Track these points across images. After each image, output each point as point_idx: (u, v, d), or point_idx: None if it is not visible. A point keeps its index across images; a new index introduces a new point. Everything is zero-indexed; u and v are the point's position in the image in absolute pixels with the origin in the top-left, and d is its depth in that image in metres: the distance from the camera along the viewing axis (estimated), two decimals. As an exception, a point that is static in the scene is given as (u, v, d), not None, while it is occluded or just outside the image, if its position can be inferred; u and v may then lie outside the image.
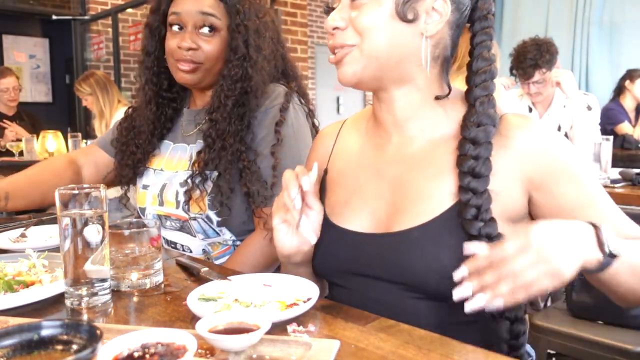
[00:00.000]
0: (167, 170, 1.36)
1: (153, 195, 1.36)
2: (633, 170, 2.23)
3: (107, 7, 5.31)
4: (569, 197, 0.82)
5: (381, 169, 0.93)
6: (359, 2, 0.84)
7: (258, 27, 1.31)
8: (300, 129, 1.32)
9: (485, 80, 0.86)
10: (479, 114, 0.84)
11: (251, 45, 1.28)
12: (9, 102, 4.22)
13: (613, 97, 4.48)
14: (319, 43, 6.86)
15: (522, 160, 0.83)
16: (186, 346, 0.58)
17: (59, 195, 0.83)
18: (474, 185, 0.81)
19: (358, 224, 0.90)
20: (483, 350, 0.68)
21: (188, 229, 1.32)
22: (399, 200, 0.88)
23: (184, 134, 1.40)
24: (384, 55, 0.84)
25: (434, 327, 0.76)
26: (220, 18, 1.29)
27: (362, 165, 0.96)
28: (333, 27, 0.85)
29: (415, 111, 0.90)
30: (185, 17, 1.28)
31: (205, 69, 1.30)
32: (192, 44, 1.27)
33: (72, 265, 0.83)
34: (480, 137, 0.82)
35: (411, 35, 0.84)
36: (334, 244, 0.91)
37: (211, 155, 1.25)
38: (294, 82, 1.40)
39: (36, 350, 0.53)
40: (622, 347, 1.59)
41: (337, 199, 0.96)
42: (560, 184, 0.82)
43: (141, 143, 1.41)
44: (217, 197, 1.23)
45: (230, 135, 1.25)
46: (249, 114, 1.27)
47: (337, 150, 1.03)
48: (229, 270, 1.04)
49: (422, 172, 0.88)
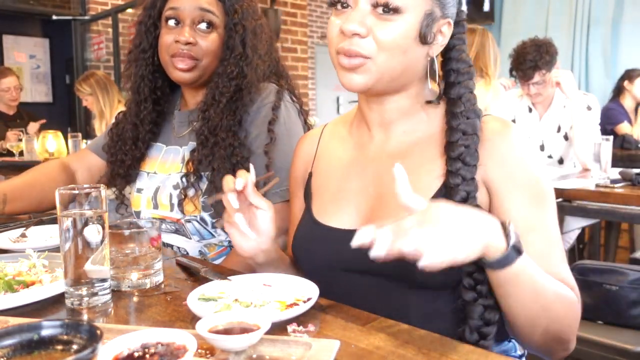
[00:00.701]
0: (161, 173, 1.36)
1: (147, 198, 1.36)
2: (633, 170, 2.23)
3: (107, 7, 5.31)
4: (515, 212, 0.83)
5: (363, 166, 0.96)
6: (387, 16, 0.82)
7: (255, 27, 1.32)
8: (293, 127, 1.32)
9: (468, 79, 0.91)
10: (467, 109, 0.88)
11: (248, 45, 1.29)
12: (10, 101, 4.23)
13: (613, 97, 4.49)
14: (319, 43, 6.85)
15: (489, 161, 0.85)
16: (186, 346, 0.58)
17: (59, 195, 0.83)
18: (464, 172, 0.83)
19: (343, 220, 0.93)
20: (483, 350, 0.68)
21: (183, 232, 1.32)
22: (380, 195, 0.90)
23: (176, 136, 1.39)
24: (396, 73, 0.86)
25: (423, 317, 0.79)
26: (218, 16, 1.29)
27: (345, 164, 0.99)
28: (354, 32, 0.83)
29: (403, 114, 0.93)
30: (183, 13, 1.28)
31: (202, 66, 1.30)
32: (190, 38, 1.26)
33: (72, 265, 0.83)
34: (469, 129, 0.86)
35: (422, 56, 0.87)
36: (319, 242, 0.93)
37: (204, 152, 1.24)
38: (284, 80, 1.40)
39: (36, 350, 0.53)
40: (622, 347, 1.59)
41: (322, 199, 0.99)
42: (512, 196, 0.84)
43: (128, 149, 1.40)
44: (212, 192, 1.23)
45: (222, 130, 1.25)
46: (241, 109, 1.28)
47: (320, 153, 1.05)
48: (229, 270, 1.04)
49: (405, 164, 0.86)
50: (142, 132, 1.39)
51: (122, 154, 1.41)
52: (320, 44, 6.86)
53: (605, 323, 1.74)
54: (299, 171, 1.09)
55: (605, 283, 1.75)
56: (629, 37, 5.26)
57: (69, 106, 6.75)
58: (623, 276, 1.73)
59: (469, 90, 0.90)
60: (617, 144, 3.79)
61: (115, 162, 1.42)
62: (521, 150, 0.86)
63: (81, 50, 5.42)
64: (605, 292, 1.74)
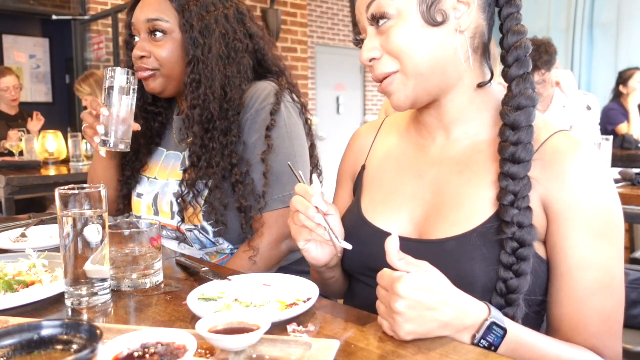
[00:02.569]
0: (161, 179, 1.35)
1: (147, 204, 1.35)
2: (633, 170, 2.23)
3: (107, 7, 5.31)
4: (570, 242, 0.76)
5: (421, 169, 0.91)
6: (384, 27, 0.81)
7: (207, 24, 1.24)
8: (294, 128, 1.29)
9: (519, 58, 0.82)
10: (516, 96, 0.80)
11: (199, 46, 1.22)
12: (10, 101, 4.22)
13: (614, 97, 4.48)
14: (319, 43, 6.85)
15: (552, 182, 0.77)
16: (186, 346, 0.58)
17: (59, 195, 0.83)
18: (514, 170, 0.77)
19: (394, 225, 0.89)
20: (482, 350, 0.68)
21: (185, 240, 1.31)
22: (437, 204, 0.86)
23: (176, 141, 1.39)
24: (429, 68, 0.81)
25: None
26: (169, 20, 1.24)
27: (402, 165, 0.94)
28: (369, 59, 0.83)
29: (463, 113, 0.87)
30: (137, 27, 1.27)
31: (163, 74, 1.26)
32: (141, 51, 1.24)
33: (72, 265, 0.83)
34: (521, 120, 0.78)
35: (446, 36, 0.80)
36: (367, 242, 0.89)
37: (199, 173, 1.22)
38: (283, 78, 1.34)
39: (36, 350, 0.53)
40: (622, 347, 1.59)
41: (373, 197, 0.94)
42: (571, 223, 0.76)
43: (128, 160, 1.41)
44: (212, 214, 1.21)
45: (217, 153, 1.21)
46: (235, 127, 1.23)
47: (376, 147, 1.01)
48: (229, 270, 1.04)
49: (463, 177, 0.85)
50: (144, 143, 1.40)
51: (123, 163, 1.42)
52: (320, 44, 6.85)
53: (605, 323, 1.74)
54: (349, 164, 1.05)
55: (605, 283, 1.74)
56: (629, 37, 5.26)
57: (69, 106, 6.75)
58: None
59: (521, 71, 0.81)
60: (617, 144, 3.79)
61: None
62: (590, 172, 0.76)
63: (81, 50, 5.41)
64: (605, 292, 1.74)
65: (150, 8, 1.25)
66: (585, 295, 0.76)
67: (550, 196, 0.77)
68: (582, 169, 0.76)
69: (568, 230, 0.76)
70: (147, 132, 1.39)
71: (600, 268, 0.76)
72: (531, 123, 0.79)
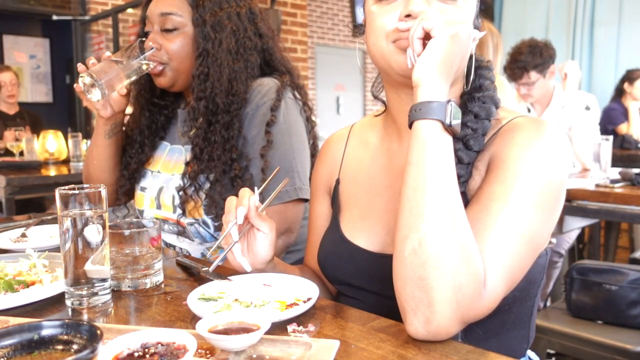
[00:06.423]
0: (164, 173, 1.36)
1: (150, 198, 1.36)
2: (633, 170, 2.24)
3: (107, 8, 5.32)
4: (487, 186, 0.76)
5: (392, 179, 0.91)
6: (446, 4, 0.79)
7: (220, 19, 1.27)
8: (293, 124, 1.29)
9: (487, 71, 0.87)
10: (485, 96, 0.84)
11: (210, 40, 1.25)
12: (8, 98, 4.20)
13: (614, 97, 4.49)
14: (319, 43, 6.86)
15: (499, 147, 0.79)
16: (186, 346, 0.58)
17: (59, 195, 0.83)
18: (461, 154, 0.79)
19: (371, 241, 0.89)
20: (482, 350, 0.68)
21: (186, 234, 1.32)
22: None
23: (180, 135, 1.40)
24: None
25: None
26: (182, 15, 1.27)
27: (374, 176, 0.94)
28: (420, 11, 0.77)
29: None
30: (151, 20, 1.30)
31: (173, 68, 1.29)
32: (153, 43, 1.27)
33: (73, 265, 0.83)
34: (482, 113, 0.82)
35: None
36: (346, 260, 0.90)
37: (200, 166, 1.24)
38: (286, 76, 1.36)
39: (36, 350, 0.53)
40: (622, 347, 1.59)
41: (351, 215, 0.95)
42: (501, 184, 0.75)
43: (134, 153, 1.41)
44: (212, 207, 1.23)
45: (218, 146, 1.23)
46: (236, 121, 1.25)
47: (347, 159, 1.00)
48: (229, 270, 1.04)
49: None
50: (149, 136, 1.41)
51: (128, 156, 1.43)
52: (320, 44, 6.86)
53: (604, 323, 1.74)
54: (323, 175, 1.04)
55: (604, 283, 1.75)
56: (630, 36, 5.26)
57: (69, 106, 6.75)
58: (622, 276, 1.73)
59: (489, 80, 0.86)
60: (617, 144, 3.79)
61: (122, 164, 1.44)
62: (539, 142, 0.76)
63: (81, 51, 5.41)
64: (604, 292, 1.74)
65: (165, 2, 1.28)
66: (495, 224, 0.72)
67: (495, 155, 0.79)
68: (531, 137, 0.77)
69: (496, 180, 0.75)
70: (151, 124, 1.41)
71: (501, 203, 0.73)
72: (489, 118, 0.82)
